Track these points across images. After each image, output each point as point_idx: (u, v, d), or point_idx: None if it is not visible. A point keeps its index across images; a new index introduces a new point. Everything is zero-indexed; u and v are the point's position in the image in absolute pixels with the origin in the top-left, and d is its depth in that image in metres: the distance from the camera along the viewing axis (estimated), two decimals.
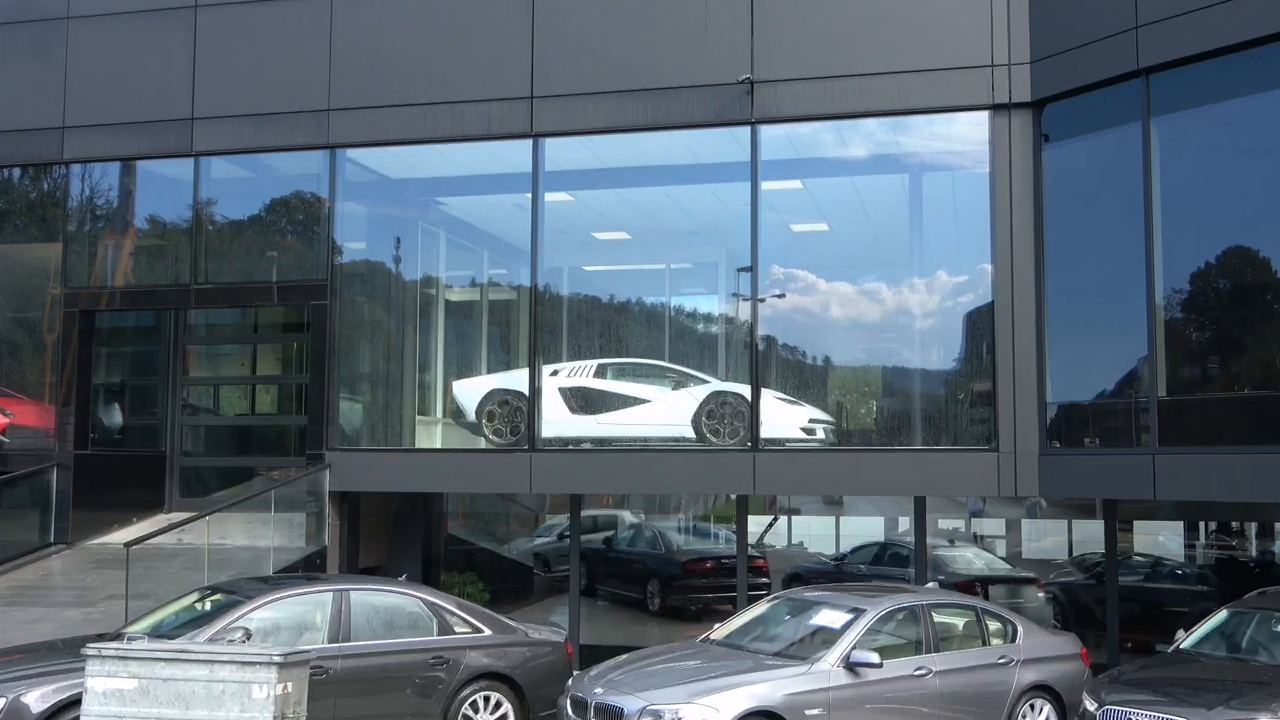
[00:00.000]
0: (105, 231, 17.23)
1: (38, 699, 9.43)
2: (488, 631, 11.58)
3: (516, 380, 15.52)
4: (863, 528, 17.64)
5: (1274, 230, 12.09)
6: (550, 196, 15.55)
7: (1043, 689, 11.38)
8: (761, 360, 14.67)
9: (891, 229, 15.66)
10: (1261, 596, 11.51)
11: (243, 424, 19.08)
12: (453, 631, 11.40)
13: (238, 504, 15.60)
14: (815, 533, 18.03)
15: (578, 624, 15.55)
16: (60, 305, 16.94)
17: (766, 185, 14.70)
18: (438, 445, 16.73)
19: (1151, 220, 12.63)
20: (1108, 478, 12.99)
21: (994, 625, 11.62)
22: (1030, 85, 13.70)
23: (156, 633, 10.56)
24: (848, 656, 10.32)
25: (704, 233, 16.96)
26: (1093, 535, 15.52)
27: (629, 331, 16.69)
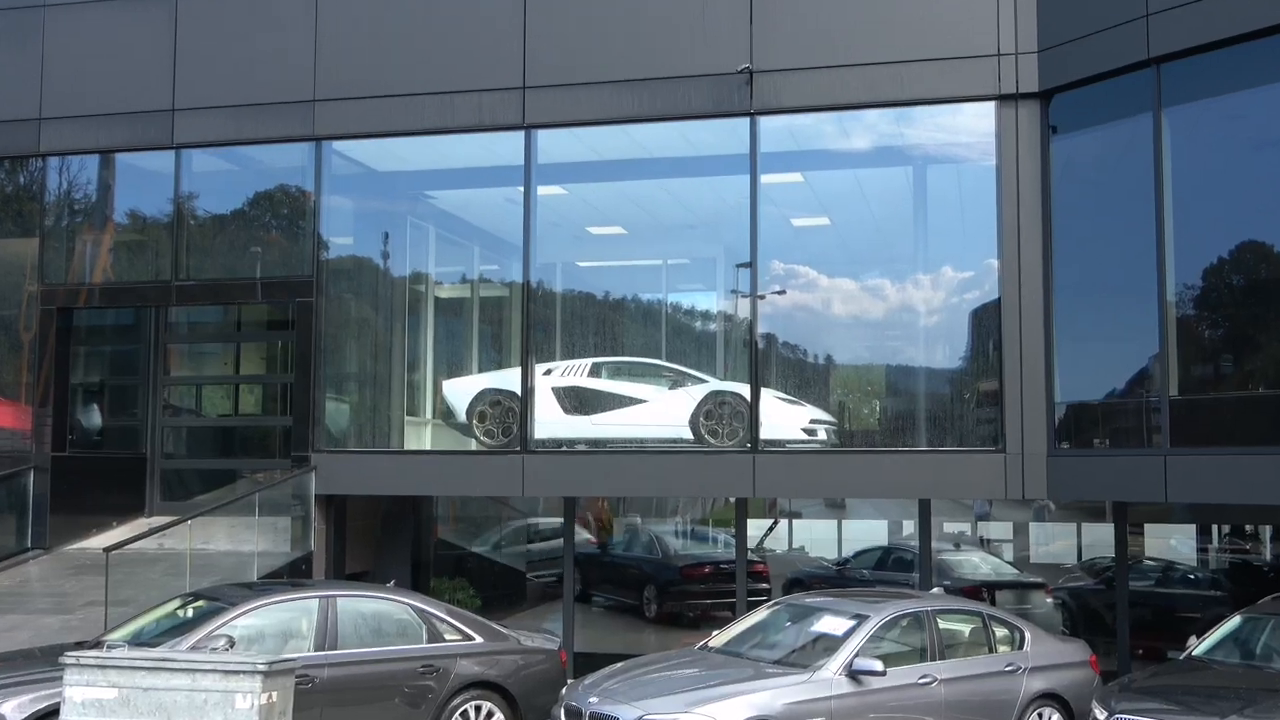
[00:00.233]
0: (84, 226, 17.22)
1: (14, 709, 9.43)
2: (479, 639, 11.58)
3: (508, 380, 15.53)
4: (866, 531, 17.66)
5: None
6: (543, 190, 15.56)
7: (1051, 697, 11.39)
8: (761, 359, 14.68)
9: (895, 223, 15.67)
10: (1276, 602, 11.54)
11: (226, 425, 19.06)
12: (443, 639, 11.40)
13: (221, 508, 15.58)
14: (817, 537, 18.05)
15: (572, 631, 15.56)
16: (37, 302, 16.92)
17: (766, 178, 14.70)
18: (427, 447, 16.73)
19: (1162, 214, 12.65)
20: (1118, 479, 13.01)
21: (1001, 632, 11.64)
22: (1037, 75, 13.71)
23: (137, 640, 10.53)
24: (850, 664, 10.33)
25: (702, 227, 16.97)
26: (1102, 539, 15.54)
27: (624, 329, 16.70)
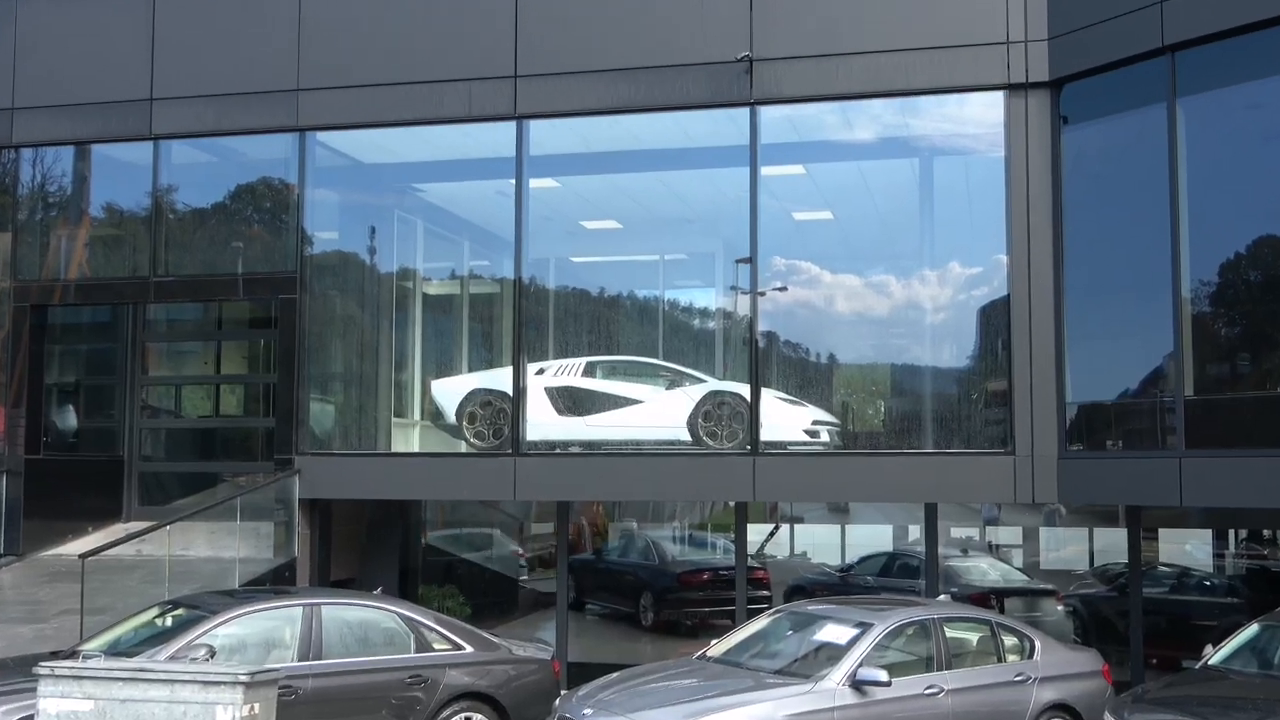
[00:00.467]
0: (58, 220, 17.19)
1: None
2: (469, 648, 11.57)
3: (499, 379, 15.52)
4: (870, 537, 17.67)
5: None
6: (535, 183, 15.54)
7: (1062, 708, 11.39)
8: (761, 358, 14.68)
9: (900, 217, 15.66)
10: None
11: (206, 426, 19.04)
12: (431, 648, 11.39)
13: (201, 512, 15.56)
14: (819, 542, 18.06)
15: (565, 640, 15.56)
16: (10, 300, 16.89)
17: (766, 170, 14.70)
18: (415, 449, 16.72)
19: (1177, 208, 12.65)
20: (1131, 482, 13.01)
21: (1010, 641, 11.63)
22: (1048, 64, 13.70)
23: (114, 650, 10.53)
24: (854, 674, 10.33)
25: (700, 221, 16.97)
26: (1115, 544, 15.56)
27: (620, 327, 16.69)
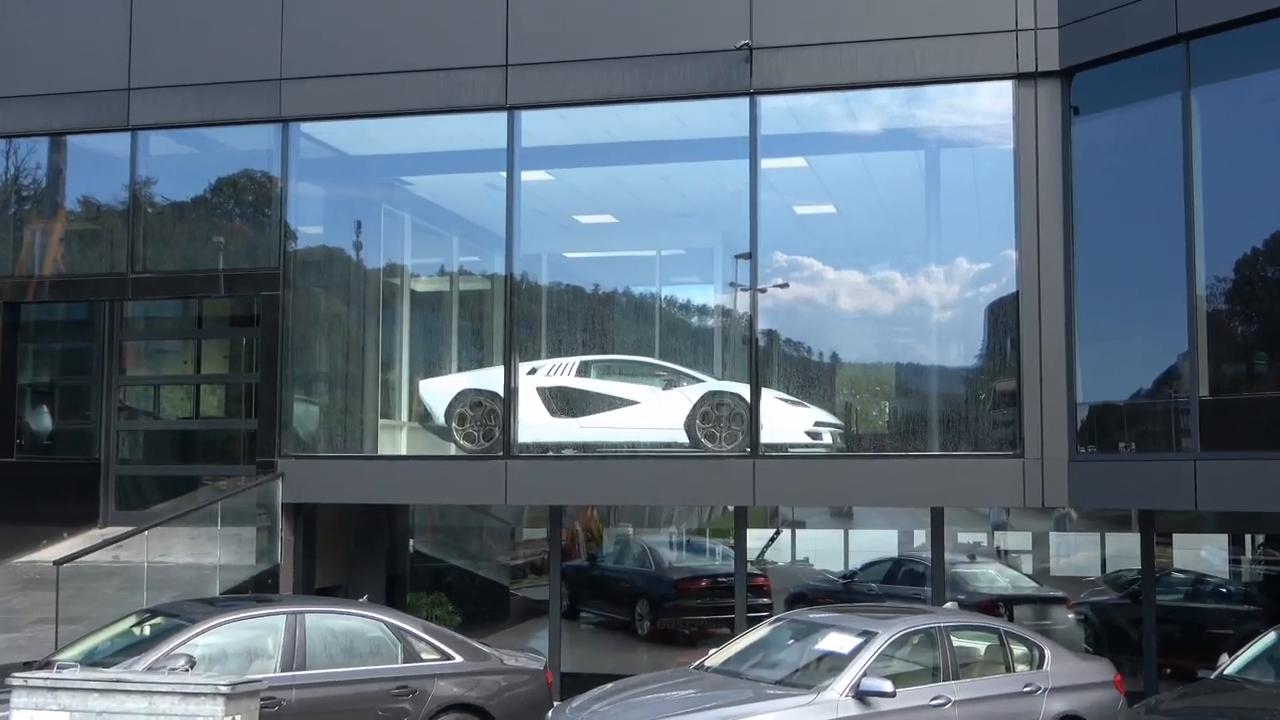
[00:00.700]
0: (32, 214, 17.15)
1: None
2: (458, 658, 11.56)
3: (490, 379, 15.50)
4: (874, 542, 17.66)
5: None
6: (527, 175, 15.53)
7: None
8: (762, 357, 14.67)
9: (906, 211, 15.67)
10: None
11: (186, 428, 19.03)
12: (419, 658, 11.38)
13: (180, 517, 15.55)
14: (821, 548, 18.06)
15: (558, 649, 15.54)
16: None
17: (767, 163, 14.69)
18: (403, 451, 16.70)
19: (1192, 202, 12.65)
20: (1144, 486, 13.02)
21: (1019, 650, 11.63)
22: (1058, 52, 13.70)
23: (90, 660, 10.50)
24: (857, 685, 10.31)
25: (698, 215, 16.96)
26: (1128, 550, 15.56)
27: (615, 325, 16.69)
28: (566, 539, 17.64)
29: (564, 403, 15.56)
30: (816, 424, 14.77)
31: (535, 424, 15.27)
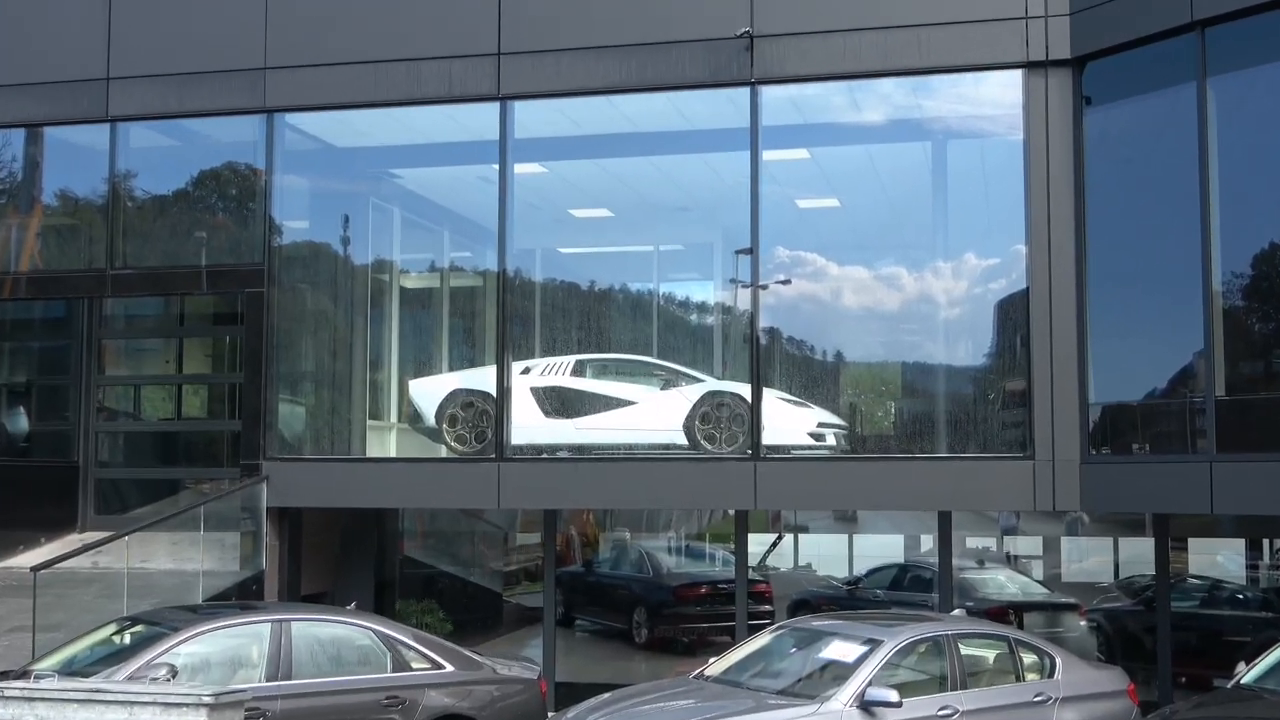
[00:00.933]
0: (8, 209, 17.15)
1: None
2: (449, 667, 11.56)
3: (482, 379, 15.51)
4: (879, 547, 17.69)
5: None
6: (520, 168, 15.53)
7: None
8: (763, 355, 14.68)
9: (912, 205, 15.69)
10: None
11: (167, 430, 19.03)
12: (409, 667, 11.38)
13: (162, 522, 15.56)
14: (825, 553, 18.08)
15: (553, 658, 15.56)
16: None
17: (768, 155, 14.70)
18: (392, 454, 16.72)
19: (1208, 195, 12.66)
20: (1159, 489, 13.03)
21: (1029, 658, 11.64)
22: (1070, 40, 13.71)
23: (68, 670, 10.52)
24: (862, 695, 10.32)
25: (697, 209, 16.97)
26: (1142, 555, 15.57)
27: (611, 323, 16.70)
28: (561, 544, 17.64)
29: (559, 403, 15.57)
30: (820, 425, 14.79)
31: (529, 425, 15.28)
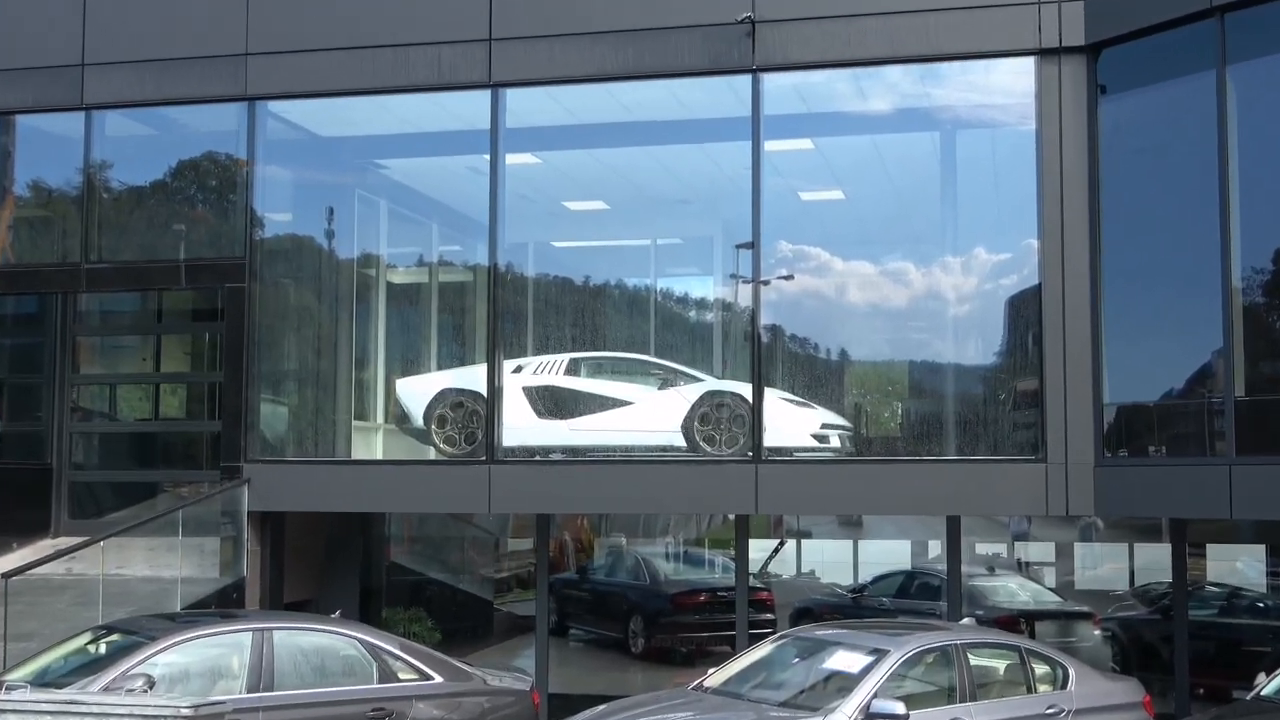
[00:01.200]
0: None
1: None
2: (438, 678, 11.56)
3: (472, 378, 15.51)
4: (885, 553, 17.70)
5: None
6: (512, 158, 15.53)
7: None
8: (765, 354, 14.69)
9: (920, 197, 15.70)
10: None
11: (144, 430, 19.00)
12: (396, 678, 11.37)
13: (139, 527, 15.52)
14: (829, 559, 18.09)
15: (546, 669, 15.56)
16: None
17: (770, 145, 14.70)
18: (378, 456, 16.72)
19: (1227, 187, 12.67)
20: (1176, 493, 13.04)
21: (1041, 669, 11.65)
22: (1084, 26, 13.72)
23: (41, 680, 10.49)
24: (867, 706, 10.34)
25: (696, 202, 16.98)
26: (1158, 561, 15.59)
27: (607, 319, 16.70)
28: (554, 550, 17.65)
29: (552, 403, 15.57)
30: (824, 426, 14.79)
31: (521, 426, 15.28)
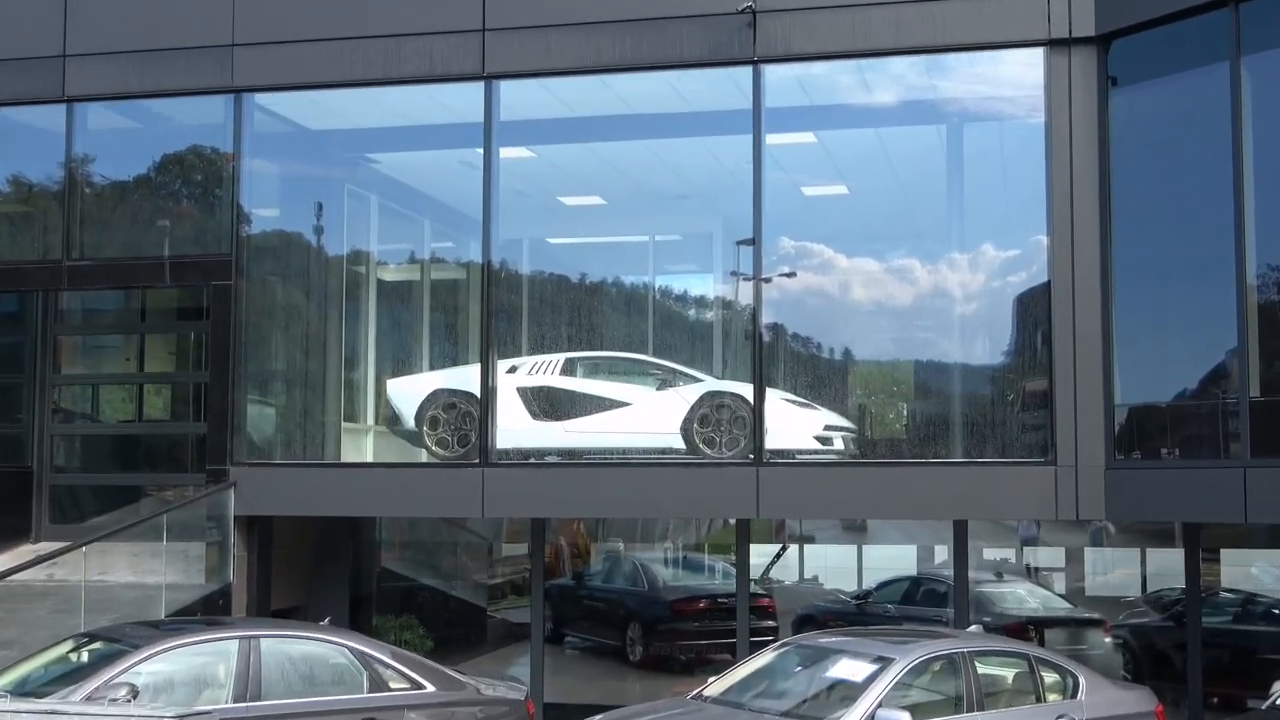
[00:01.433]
0: None
1: None
2: (430, 687, 11.55)
3: (465, 378, 15.52)
4: (890, 559, 17.69)
5: None
6: (506, 152, 15.54)
7: None
8: (766, 353, 14.69)
9: (925, 193, 15.71)
10: None
11: (128, 433, 19.00)
12: (387, 687, 11.37)
13: (122, 531, 15.52)
14: (832, 565, 18.07)
15: (541, 678, 15.58)
16: None
17: (772, 138, 14.70)
18: (368, 458, 16.72)
19: (1242, 181, 12.67)
20: (1189, 496, 13.05)
21: (1051, 677, 11.66)
22: (1095, 16, 13.72)
23: (22, 690, 10.47)
24: (872, 716, 10.35)
25: (696, 197, 16.99)
26: (1171, 567, 15.59)
27: (604, 318, 16.71)
28: (550, 555, 17.65)
29: (547, 404, 15.57)
30: (827, 428, 14.80)
31: (515, 428, 15.28)
